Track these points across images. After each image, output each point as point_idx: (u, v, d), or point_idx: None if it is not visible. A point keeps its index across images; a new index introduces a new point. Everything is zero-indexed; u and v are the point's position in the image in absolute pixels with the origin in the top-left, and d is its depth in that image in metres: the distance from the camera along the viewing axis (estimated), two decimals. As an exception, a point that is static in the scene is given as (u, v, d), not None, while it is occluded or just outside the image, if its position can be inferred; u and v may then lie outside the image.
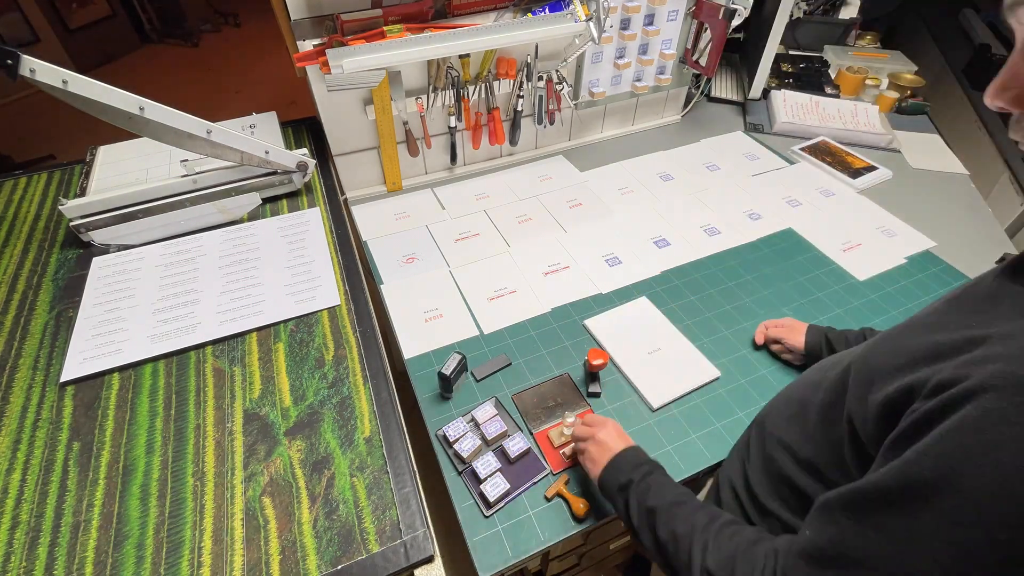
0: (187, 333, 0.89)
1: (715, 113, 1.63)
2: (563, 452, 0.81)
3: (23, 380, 0.82)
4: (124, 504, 0.69)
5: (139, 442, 0.75)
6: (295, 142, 1.29)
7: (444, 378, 0.86)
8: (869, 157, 1.41)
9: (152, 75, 3.64)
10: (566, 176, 1.37)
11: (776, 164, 1.42)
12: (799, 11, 1.81)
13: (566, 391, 0.90)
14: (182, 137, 0.96)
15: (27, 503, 0.69)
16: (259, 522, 0.68)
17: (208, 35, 4.09)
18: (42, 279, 0.98)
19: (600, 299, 1.06)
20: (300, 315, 0.92)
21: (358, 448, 0.75)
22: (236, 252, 1.04)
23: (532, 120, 1.33)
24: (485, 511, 0.75)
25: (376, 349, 0.87)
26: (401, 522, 0.68)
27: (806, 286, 1.08)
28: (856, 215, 1.25)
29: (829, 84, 1.66)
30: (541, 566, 1.02)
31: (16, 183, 1.20)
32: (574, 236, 1.20)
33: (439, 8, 1.04)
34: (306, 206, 1.14)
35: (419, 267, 1.12)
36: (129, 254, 1.03)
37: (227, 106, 3.28)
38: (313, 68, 1.05)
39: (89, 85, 0.84)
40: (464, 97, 1.20)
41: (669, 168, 1.40)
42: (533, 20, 1.06)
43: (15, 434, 0.76)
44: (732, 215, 1.25)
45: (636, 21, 1.28)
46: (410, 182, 1.33)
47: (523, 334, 0.99)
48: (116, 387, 0.82)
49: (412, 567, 0.65)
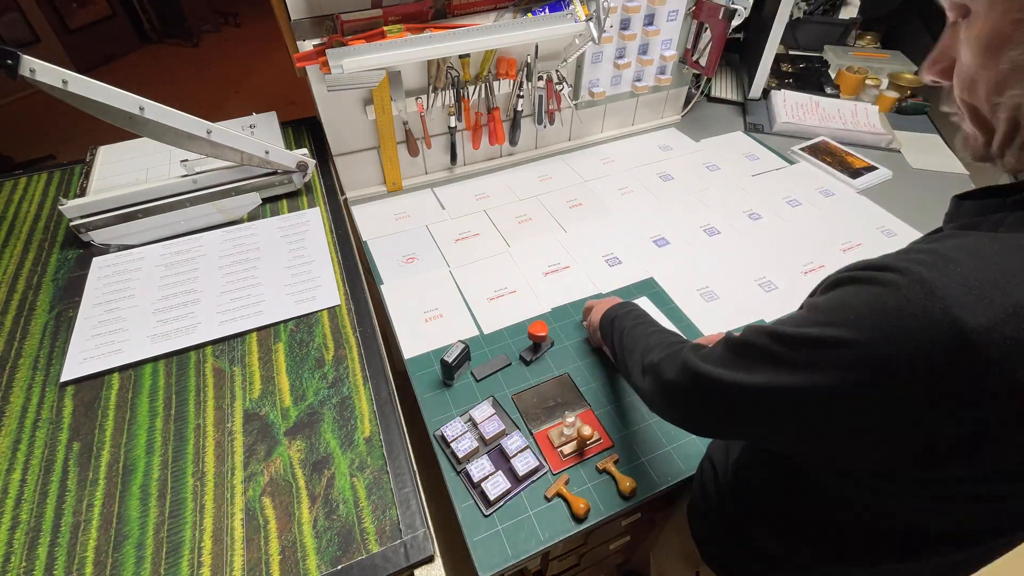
0: (187, 333, 0.89)
1: (715, 113, 1.63)
2: (561, 451, 0.81)
3: (23, 380, 0.82)
4: (124, 504, 0.69)
5: (139, 442, 0.75)
6: (295, 142, 1.29)
7: (446, 365, 0.86)
8: (869, 157, 1.41)
9: (152, 75, 3.64)
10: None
11: (776, 164, 1.42)
12: (799, 11, 1.81)
13: (566, 391, 0.90)
14: (182, 137, 0.96)
15: (27, 503, 0.69)
16: (259, 522, 0.68)
17: (208, 35, 4.09)
18: (42, 279, 0.98)
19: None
20: (300, 315, 0.92)
21: (358, 448, 0.75)
22: (236, 252, 1.04)
23: (532, 120, 1.33)
24: (485, 510, 0.75)
25: (376, 349, 0.87)
26: (401, 522, 0.68)
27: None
28: (856, 215, 1.25)
29: (829, 84, 1.66)
30: (541, 566, 1.02)
31: (16, 183, 1.20)
32: (574, 236, 1.20)
33: (439, 8, 1.04)
34: (306, 206, 1.14)
35: (419, 267, 1.12)
36: (129, 254, 1.03)
37: (227, 106, 3.28)
38: (313, 68, 1.05)
39: (89, 85, 0.84)
40: (464, 97, 1.20)
41: (669, 168, 1.40)
42: (533, 20, 1.06)
43: (15, 434, 0.76)
44: (732, 215, 1.25)
45: (636, 21, 1.28)
46: (410, 182, 1.33)
47: (523, 334, 0.99)
48: (116, 387, 0.82)
49: (412, 567, 0.65)
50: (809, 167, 1.40)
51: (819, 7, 1.84)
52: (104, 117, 0.89)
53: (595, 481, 0.79)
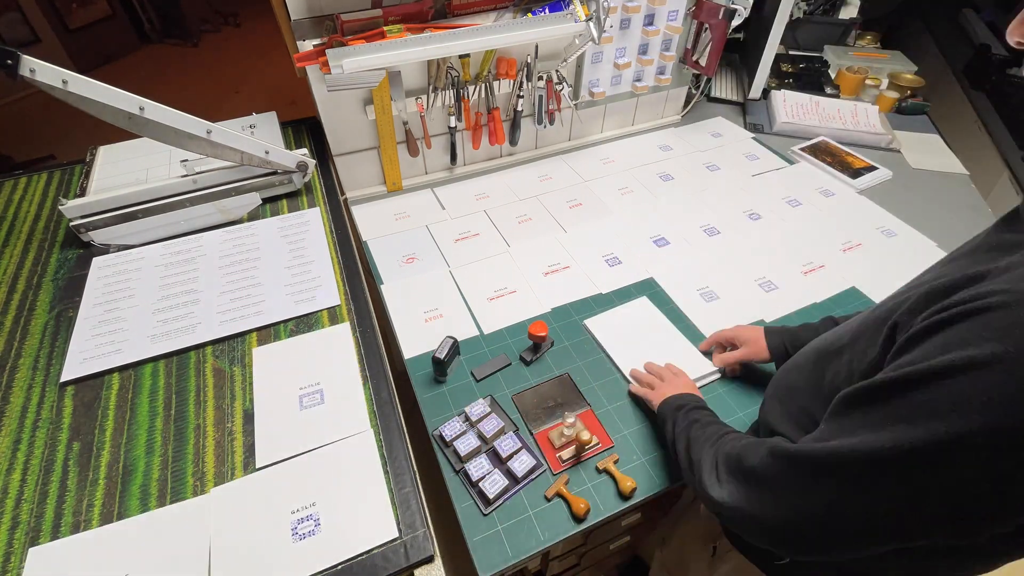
0: (187, 333, 0.89)
1: (715, 113, 1.63)
2: (560, 456, 0.81)
3: (23, 380, 0.82)
4: (124, 504, 0.69)
5: (139, 442, 0.75)
6: (295, 142, 1.29)
7: (438, 362, 0.87)
8: (869, 157, 1.41)
9: (152, 75, 3.63)
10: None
11: (776, 164, 1.42)
12: (799, 11, 1.81)
13: (566, 391, 0.90)
14: (182, 137, 0.96)
15: (27, 503, 0.69)
16: (259, 522, 0.68)
17: (208, 35, 4.09)
18: (42, 279, 0.98)
19: (600, 299, 1.06)
20: (300, 315, 0.92)
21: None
22: (236, 252, 1.04)
23: (532, 120, 1.33)
24: (484, 509, 0.75)
25: (376, 349, 0.88)
26: (401, 522, 0.68)
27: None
28: (856, 215, 1.25)
29: (829, 84, 1.66)
30: (541, 566, 1.02)
31: (16, 183, 1.20)
32: (574, 236, 1.20)
33: (439, 8, 1.04)
34: (306, 206, 1.14)
35: (419, 267, 1.12)
36: (129, 254, 1.03)
37: (227, 106, 3.27)
38: (313, 68, 1.05)
39: (89, 85, 0.84)
40: (464, 97, 1.20)
41: (669, 168, 1.40)
42: (533, 20, 1.06)
43: (15, 434, 0.76)
44: (732, 215, 1.25)
45: (636, 21, 1.28)
46: (410, 182, 1.33)
47: (523, 334, 0.99)
48: (116, 387, 0.82)
49: (412, 567, 0.65)
50: (809, 167, 1.40)
51: (819, 7, 1.84)
52: (104, 117, 0.89)
53: (595, 481, 0.79)
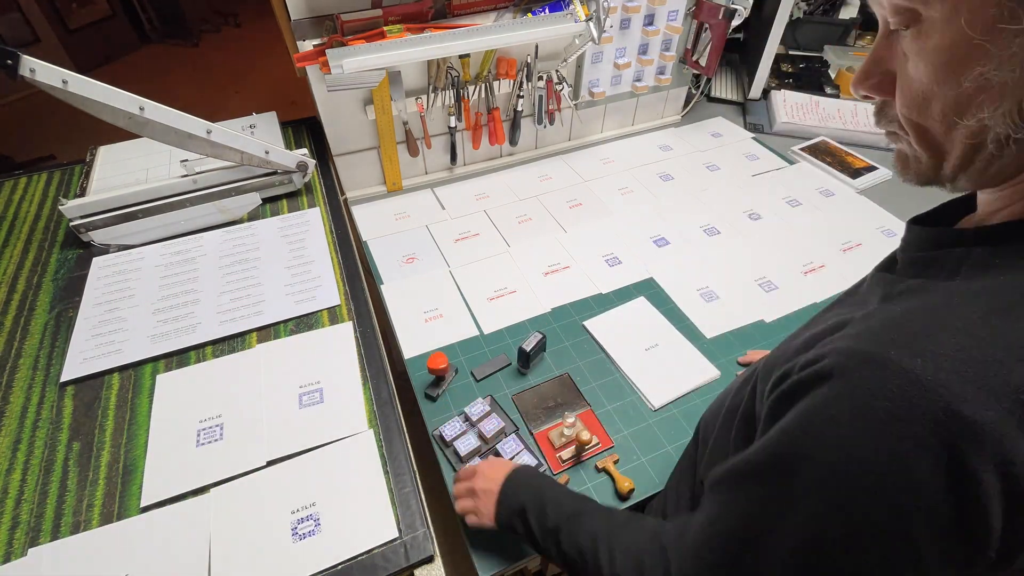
0: (187, 333, 0.89)
1: (715, 113, 1.63)
2: (560, 456, 0.81)
3: (23, 380, 0.82)
4: (124, 504, 0.69)
5: (139, 442, 0.75)
6: (295, 142, 1.29)
7: (523, 353, 0.88)
8: (869, 157, 1.41)
9: (152, 75, 3.64)
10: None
11: (776, 164, 1.42)
12: (799, 11, 1.81)
13: (566, 391, 0.90)
14: (182, 137, 0.96)
15: (27, 503, 0.69)
16: (259, 522, 0.68)
17: (208, 35, 4.09)
18: (42, 279, 0.98)
19: (600, 299, 1.06)
20: (300, 315, 0.92)
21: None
22: (236, 252, 1.04)
23: (532, 120, 1.33)
24: (485, 511, 0.75)
25: (376, 349, 0.88)
26: (401, 522, 0.68)
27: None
28: (856, 215, 1.25)
29: (829, 84, 1.66)
30: (541, 566, 1.02)
31: (16, 183, 1.20)
32: (574, 236, 1.20)
33: (439, 8, 1.04)
34: (306, 206, 1.14)
35: (419, 267, 1.12)
36: (129, 254, 1.03)
37: (227, 106, 3.28)
38: (313, 68, 1.05)
39: (89, 85, 0.84)
40: (464, 97, 1.20)
41: (669, 168, 1.40)
42: (533, 20, 1.06)
43: (15, 434, 0.76)
44: (732, 215, 1.25)
45: (636, 21, 1.28)
46: (410, 182, 1.33)
47: (523, 334, 0.99)
48: (116, 387, 0.82)
49: (412, 567, 0.65)
50: (809, 167, 1.40)
51: (819, 7, 1.84)
52: (104, 117, 0.89)
53: (594, 481, 0.79)
